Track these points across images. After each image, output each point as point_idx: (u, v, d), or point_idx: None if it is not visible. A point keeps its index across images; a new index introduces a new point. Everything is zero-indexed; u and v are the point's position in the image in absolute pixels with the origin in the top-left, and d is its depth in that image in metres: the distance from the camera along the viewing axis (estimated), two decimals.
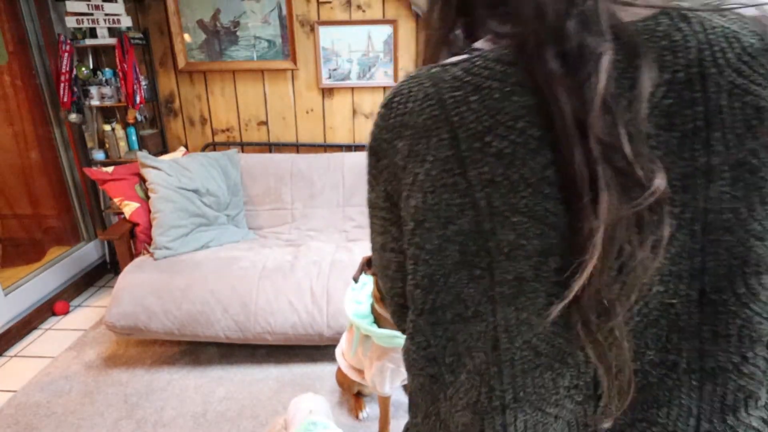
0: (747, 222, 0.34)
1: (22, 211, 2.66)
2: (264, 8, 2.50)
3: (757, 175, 0.34)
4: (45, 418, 1.76)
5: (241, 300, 1.91)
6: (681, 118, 0.34)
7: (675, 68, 0.34)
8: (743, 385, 0.38)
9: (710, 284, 0.36)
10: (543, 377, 0.39)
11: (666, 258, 0.35)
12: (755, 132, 0.33)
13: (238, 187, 2.50)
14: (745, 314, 0.36)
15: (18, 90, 2.49)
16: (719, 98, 0.33)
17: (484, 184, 0.37)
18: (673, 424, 0.38)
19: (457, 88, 0.38)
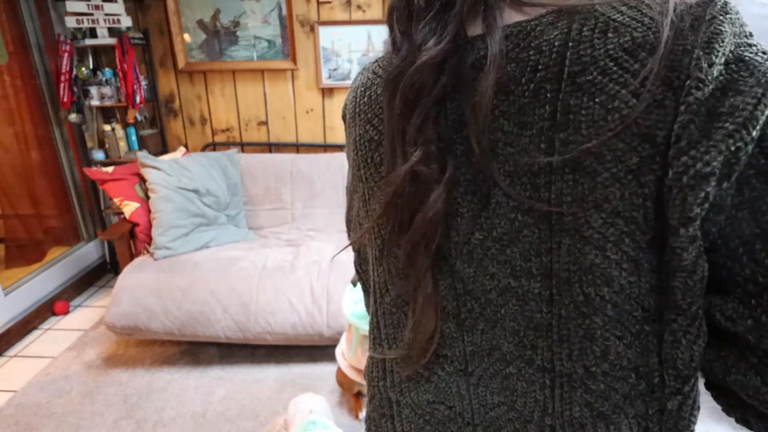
0: (584, 228, 0.33)
1: (22, 211, 2.66)
2: (264, 8, 2.50)
3: (594, 180, 0.32)
4: (45, 418, 1.76)
5: (241, 300, 1.91)
6: (534, 117, 0.34)
7: (538, 67, 0.33)
8: (591, 402, 0.36)
9: (557, 287, 0.35)
10: (400, 323, 0.46)
11: (515, 252, 0.36)
12: (600, 134, 0.31)
13: (238, 187, 2.50)
14: (586, 324, 0.35)
15: (18, 90, 2.49)
16: (572, 97, 0.32)
17: (363, 162, 0.45)
18: (531, 414, 0.39)
19: (364, 81, 0.45)
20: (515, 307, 0.37)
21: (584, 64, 0.32)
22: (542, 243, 0.35)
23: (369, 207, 0.46)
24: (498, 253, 0.37)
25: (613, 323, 0.34)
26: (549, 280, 0.35)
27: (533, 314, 0.37)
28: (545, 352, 0.37)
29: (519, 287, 0.37)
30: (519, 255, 0.36)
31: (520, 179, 0.35)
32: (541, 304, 0.36)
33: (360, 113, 0.45)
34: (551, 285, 0.35)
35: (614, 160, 0.31)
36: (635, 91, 0.30)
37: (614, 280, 0.33)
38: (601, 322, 0.34)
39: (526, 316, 0.37)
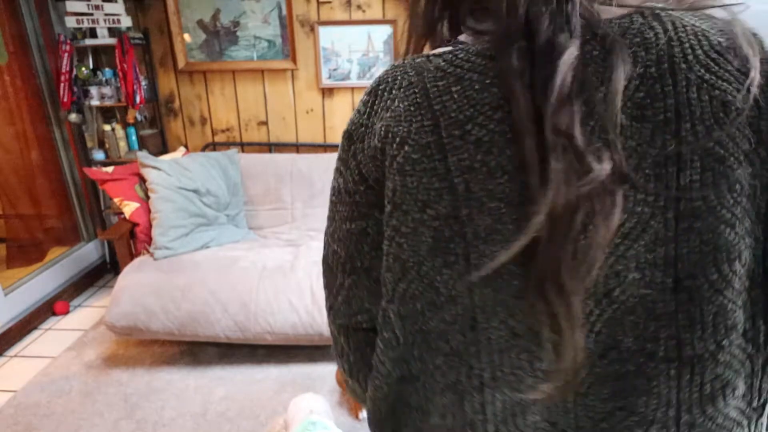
0: (716, 209, 0.36)
1: (22, 211, 2.66)
2: (264, 8, 2.50)
3: (724, 164, 0.35)
4: (45, 418, 1.76)
5: (241, 300, 1.91)
6: (652, 110, 0.36)
7: (647, 63, 0.36)
8: (720, 374, 0.38)
9: (684, 272, 0.37)
10: (520, 358, 0.40)
11: (641, 245, 0.36)
12: (722, 124, 0.35)
13: (238, 187, 2.50)
14: (719, 301, 0.37)
15: (18, 90, 2.49)
16: (688, 92, 0.35)
17: (462, 170, 0.38)
18: (653, 414, 0.39)
19: (441, 78, 0.39)
20: (635, 299, 0.37)
21: (689, 62, 0.35)
22: (668, 231, 0.36)
23: (468, 223, 0.39)
24: (626, 249, 0.37)
25: (737, 294, 0.38)
26: (673, 268, 0.37)
27: (655, 305, 0.37)
28: (669, 341, 0.38)
29: (642, 279, 0.37)
30: (644, 248, 0.37)
31: (645, 171, 0.36)
32: (664, 293, 0.37)
33: (445, 115, 0.38)
34: (676, 272, 0.37)
35: (734, 146, 0.36)
36: (740, 88, 0.35)
37: (743, 253, 0.37)
38: (731, 296, 0.37)
39: (648, 308, 0.37)
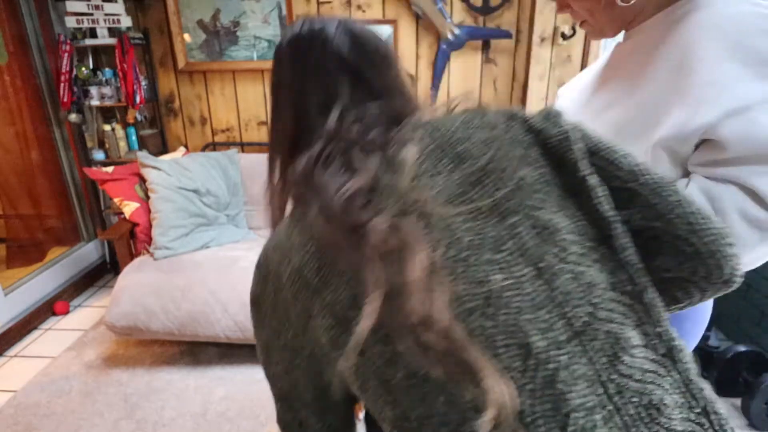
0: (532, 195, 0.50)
1: (22, 211, 2.66)
2: (264, 8, 2.50)
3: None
4: (45, 418, 1.76)
5: (241, 300, 1.91)
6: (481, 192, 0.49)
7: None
8: (608, 330, 0.43)
9: (534, 256, 0.45)
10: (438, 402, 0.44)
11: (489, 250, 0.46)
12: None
13: (238, 187, 2.50)
14: (569, 267, 0.44)
15: (18, 90, 2.49)
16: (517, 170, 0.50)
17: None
18: (589, 398, 0.41)
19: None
20: (516, 298, 0.45)
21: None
22: (502, 231, 0.49)
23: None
24: (477, 257, 0.47)
25: (581, 256, 0.48)
26: (524, 258, 0.47)
27: (535, 295, 0.45)
28: (560, 320, 0.44)
29: (509, 277, 0.47)
30: (492, 251, 0.48)
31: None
32: (533, 283, 0.46)
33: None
34: (530, 261, 0.47)
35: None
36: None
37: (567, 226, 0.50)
38: (575, 259, 0.48)
39: (531, 300, 0.45)
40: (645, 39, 0.71)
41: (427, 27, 2.48)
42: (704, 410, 0.43)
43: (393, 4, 2.46)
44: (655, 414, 0.41)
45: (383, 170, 0.48)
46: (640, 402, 0.41)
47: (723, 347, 1.82)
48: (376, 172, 0.47)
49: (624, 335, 0.43)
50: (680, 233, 0.48)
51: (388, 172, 0.47)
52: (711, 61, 0.64)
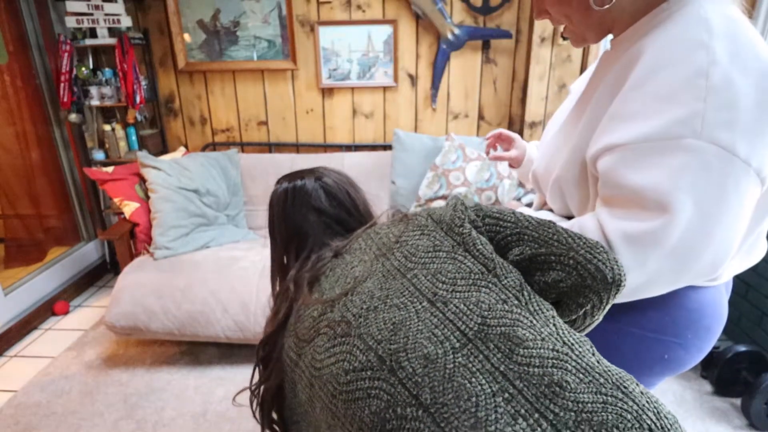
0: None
1: (22, 211, 2.66)
2: (264, 8, 2.50)
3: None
4: (45, 418, 1.76)
5: (241, 300, 1.91)
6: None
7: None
8: (500, 333, 0.56)
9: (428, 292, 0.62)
10: (364, 415, 0.57)
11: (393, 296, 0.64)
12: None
13: (238, 187, 2.50)
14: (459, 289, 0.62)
15: (18, 90, 2.49)
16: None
17: None
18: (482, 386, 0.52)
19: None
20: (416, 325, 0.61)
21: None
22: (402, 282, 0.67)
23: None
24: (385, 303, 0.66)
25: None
26: (420, 294, 0.65)
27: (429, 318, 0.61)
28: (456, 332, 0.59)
29: (406, 310, 0.64)
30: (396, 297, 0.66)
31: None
32: (428, 309, 0.62)
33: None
34: (425, 295, 0.64)
35: None
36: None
37: None
38: (464, 283, 0.64)
39: (427, 323, 0.61)
40: (619, 51, 0.71)
41: (427, 27, 2.48)
42: (616, 384, 0.51)
43: (393, 4, 2.46)
44: (558, 390, 0.49)
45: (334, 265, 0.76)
46: (541, 382, 0.50)
47: (723, 347, 1.82)
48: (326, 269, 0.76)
49: (515, 333, 0.54)
50: (561, 251, 0.62)
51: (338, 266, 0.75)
52: (627, 88, 0.64)
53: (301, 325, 0.70)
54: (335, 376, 0.59)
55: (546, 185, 0.81)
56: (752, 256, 0.76)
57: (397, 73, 2.57)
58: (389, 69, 2.57)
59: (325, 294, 0.70)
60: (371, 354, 0.57)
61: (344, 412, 0.57)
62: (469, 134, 2.67)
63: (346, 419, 0.57)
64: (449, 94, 2.62)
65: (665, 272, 0.63)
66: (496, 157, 1.10)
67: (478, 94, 2.61)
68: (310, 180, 0.87)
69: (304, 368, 0.66)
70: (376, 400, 0.54)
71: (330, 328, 0.64)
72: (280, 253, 0.88)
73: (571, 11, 0.72)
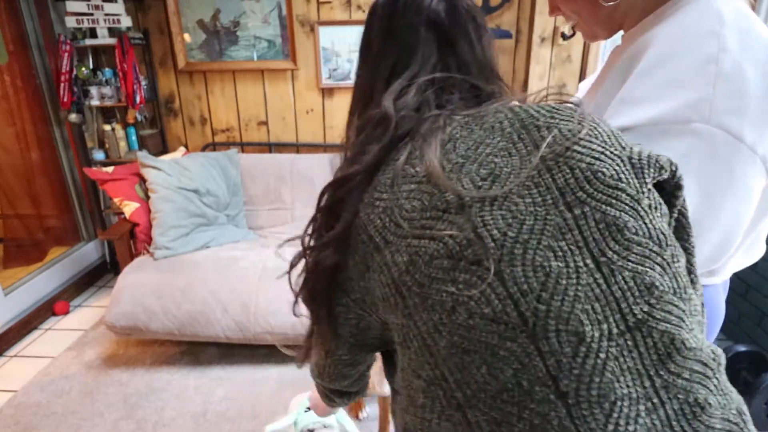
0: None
1: (22, 211, 2.66)
2: (264, 8, 2.50)
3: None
4: (45, 418, 1.76)
5: (241, 300, 1.91)
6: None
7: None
8: (663, 330, 0.44)
9: (596, 249, 0.45)
10: (480, 373, 0.46)
11: (550, 237, 0.46)
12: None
13: (238, 187, 2.50)
14: (629, 266, 0.45)
15: (18, 90, 2.49)
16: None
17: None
18: (629, 389, 0.43)
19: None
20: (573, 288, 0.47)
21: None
22: (566, 220, 0.49)
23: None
24: (537, 242, 0.48)
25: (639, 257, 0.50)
26: (587, 249, 0.47)
27: (594, 285, 0.46)
28: (615, 315, 0.46)
29: (566, 267, 0.47)
30: (553, 238, 0.48)
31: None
32: (592, 274, 0.46)
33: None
34: (590, 251, 0.47)
35: None
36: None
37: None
38: (636, 258, 0.47)
39: (586, 292, 0.46)
40: (629, 45, 0.70)
41: None
42: (738, 411, 0.45)
43: None
44: (699, 412, 0.43)
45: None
46: (686, 399, 0.43)
47: (723, 347, 1.82)
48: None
49: (679, 336, 0.44)
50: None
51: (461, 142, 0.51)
52: (636, 74, 0.63)
53: (401, 202, 0.50)
54: (450, 310, 0.45)
55: None
56: (751, 255, 0.76)
57: None
58: None
59: (453, 173, 0.48)
60: (510, 306, 0.44)
61: (446, 354, 0.46)
62: None
63: (444, 362, 0.46)
64: None
65: None
66: None
67: None
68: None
69: (393, 264, 0.49)
70: (501, 362, 0.44)
71: (454, 240, 0.46)
72: (371, 72, 0.63)
73: (580, 8, 0.73)
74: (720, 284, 0.79)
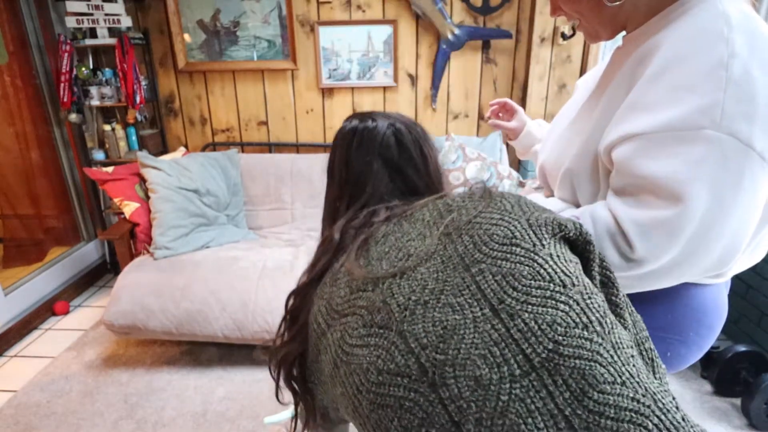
0: None
1: (22, 211, 2.66)
2: (264, 8, 2.50)
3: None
4: (45, 418, 1.76)
5: (240, 299, 1.91)
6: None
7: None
8: (573, 366, 0.44)
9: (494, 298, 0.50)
10: (393, 426, 0.50)
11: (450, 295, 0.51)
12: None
13: (238, 187, 2.50)
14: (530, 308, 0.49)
15: (18, 90, 2.49)
16: None
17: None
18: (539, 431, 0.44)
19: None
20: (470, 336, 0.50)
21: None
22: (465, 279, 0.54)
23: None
24: (436, 301, 0.53)
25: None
26: (484, 300, 0.50)
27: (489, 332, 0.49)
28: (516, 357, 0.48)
29: (465, 318, 0.51)
30: (452, 295, 0.53)
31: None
32: (490, 320, 0.49)
33: None
34: (489, 302, 0.50)
35: None
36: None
37: None
38: (537, 301, 0.52)
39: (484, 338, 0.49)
40: (633, 47, 0.71)
41: (427, 27, 2.48)
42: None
43: (393, 4, 2.46)
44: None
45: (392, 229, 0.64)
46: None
47: (723, 347, 1.82)
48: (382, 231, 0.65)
49: (592, 371, 0.43)
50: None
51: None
52: (645, 79, 0.64)
53: (336, 292, 0.60)
54: (365, 371, 0.51)
55: (555, 178, 0.81)
56: (754, 256, 0.77)
57: (397, 73, 2.57)
58: (389, 69, 2.57)
59: (371, 264, 0.58)
60: (412, 359, 0.47)
61: (368, 413, 0.51)
62: (469, 134, 2.67)
63: (369, 421, 0.51)
64: (449, 94, 2.62)
65: (676, 262, 0.63)
66: (496, 124, 1.10)
67: (478, 94, 2.61)
68: (383, 123, 0.75)
69: (331, 343, 0.58)
70: (408, 414, 0.47)
71: (368, 311, 0.54)
72: (335, 195, 0.78)
73: (584, 8, 0.73)
74: (723, 283, 0.80)
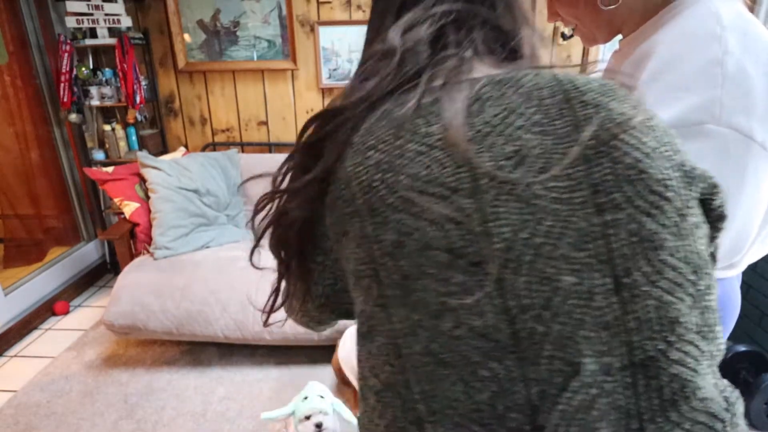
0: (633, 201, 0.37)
1: (22, 211, 2.66)
2: (264, 8, 2.50)
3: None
4: (45, 418, 1.76)
5: (240, 299, 1.91)
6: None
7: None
8: (675, 374, 0.36)
9: (620, 267, 0.35)
10: (454, 389, 0.37)
11: (569, 245, 0.34)
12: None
13: (238, 187, 2.50)
14: (656, 293, 0.35)
15: (18, 90, 2.49)
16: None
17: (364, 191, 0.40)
18: (614, 430, 0.36)
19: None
20: (580, 312, 0.35)
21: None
22: (593, 226, 0.35)
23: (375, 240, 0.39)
24: (552, 249, 0.35)
25: (674, 287, 0.36)
26: (609, 265, 0.35)
27: (603, 311, 0.35)
28: (621, 348, 0.36)
29: (581, 283, 0.35)
30: (572, 247, 0.34)
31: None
32: (608, 296, 0.35)
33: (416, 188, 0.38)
34: (614, 269, 0.35)
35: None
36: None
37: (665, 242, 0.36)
38: (666, 286, 0.35)
39: (595, 317, 0.35)
40: (629, 50, 0.71)
41: None
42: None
43: None
44: None
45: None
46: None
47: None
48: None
49: (693, 384, 0.36)
50: None
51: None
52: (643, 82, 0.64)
53: (407, 167, 0.39)
54: (436, 314, 0.38)
55: None
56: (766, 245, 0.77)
57: None
58: None
59: (473, 143, 0.38)
60: (504, 322, 0.37)
61: (418, 361, 0.39)
62: None
63: (416, 369, 0.39)
64: None
65: None
66: None
67: None
68: None
69: (375, 241, 0.40)
70: (479, 382, 0.37)
71: (458, 232, 0.37)
72: (383, 3, 0.50)
73: (580, 12, 0.74)
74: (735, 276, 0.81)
